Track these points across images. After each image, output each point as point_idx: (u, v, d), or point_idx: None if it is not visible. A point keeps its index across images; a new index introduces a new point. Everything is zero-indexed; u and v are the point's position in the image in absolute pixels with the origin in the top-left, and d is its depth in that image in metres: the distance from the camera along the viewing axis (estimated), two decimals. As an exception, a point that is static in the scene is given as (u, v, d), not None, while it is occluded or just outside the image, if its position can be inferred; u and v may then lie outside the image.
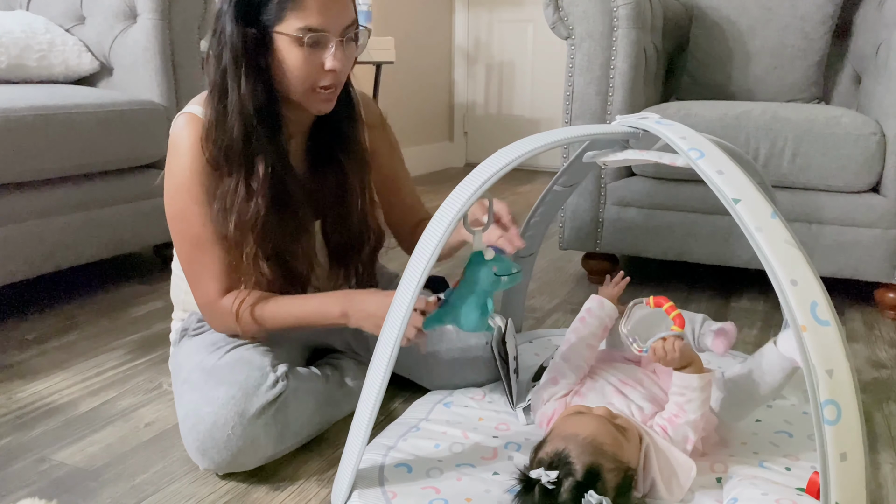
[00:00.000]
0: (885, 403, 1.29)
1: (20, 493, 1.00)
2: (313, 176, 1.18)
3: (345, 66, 1.06)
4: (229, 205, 1.06)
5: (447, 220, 0.87)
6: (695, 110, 1.77)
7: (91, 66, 1.96)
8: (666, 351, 0.93)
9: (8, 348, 1.50)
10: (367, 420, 0.91)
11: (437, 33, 4.05)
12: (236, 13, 1.02)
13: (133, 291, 1.85)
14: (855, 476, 0.70)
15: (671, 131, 0.87)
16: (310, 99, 1.08)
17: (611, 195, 1.88)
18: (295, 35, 1.01)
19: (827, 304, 0.72)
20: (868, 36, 1.96)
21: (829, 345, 0.71)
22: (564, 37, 1.86)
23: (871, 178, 1.65)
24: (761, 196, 0.77)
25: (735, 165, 0.81)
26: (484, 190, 0.87)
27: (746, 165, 1.10)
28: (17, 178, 1.57)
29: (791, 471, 1.00)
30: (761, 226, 0.75)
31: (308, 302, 1.11)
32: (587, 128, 0.95)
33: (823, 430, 0.70)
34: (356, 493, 0.94)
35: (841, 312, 1.77)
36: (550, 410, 1.07)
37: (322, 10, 1.01)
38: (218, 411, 1.01)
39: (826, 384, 0.70)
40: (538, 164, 3.97)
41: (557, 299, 1.87)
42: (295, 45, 1.02)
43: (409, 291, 0.87)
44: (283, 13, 1.01)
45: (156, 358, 1.45)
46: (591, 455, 0.85)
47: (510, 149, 0.90)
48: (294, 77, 1.05)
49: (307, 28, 1.01)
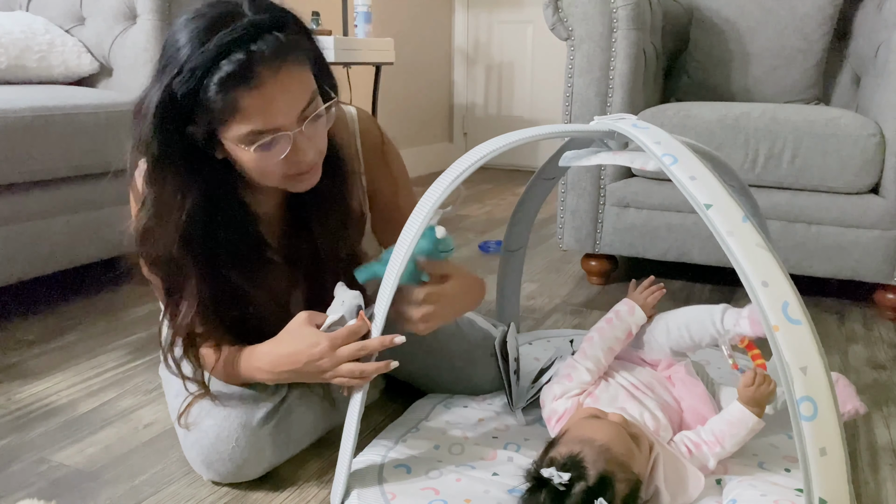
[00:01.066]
0: (885, 405, 1.29)
1: (19, 494, 1.00)
2: (288, 244, 1.06)
3: (317, 147, 0.93)
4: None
5: (422, 214, 0.90)
6: (694, 111, 1.77)
7: (91, 67, 1.96)
8: (762, 385, 0.94)
9: (7, 349, 1.50)
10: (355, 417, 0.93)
11: (436, 34, 4.05)
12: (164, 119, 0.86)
13: (132, 292, 1.84)
14: (836, 470, 0.71)
15: (646, 135, 0.88)
16: (286, 185, 0.95)
17: (610, 196, 1.88)
18: (244, 143, 0.87)
19: (798, 304, 0.73)
20: (867, 37, 1.96)
21: (801, 343, 0.72)
22: (564, 38, 1.86)
23: (871, 179, 1.65)
24: (733, 201, 0.78)
25: (708, 171, 0.81)
26: (459, 182, 0.90)
27: (723, 169, 1.11)
28: (17, 179, 1.57)
29: (790, 472, 1.00)
30: (732, 230, 0.76)
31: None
32: (563, 126, 0.97)
33: (801, 427, 0.70)
34: (355, 494, 0.94)
35: (840, 313, 1.77)
36: (561, 409, 1.05)
37: (267, 108, 0.85)
38: (221, 423, 1.00)
39: (801, 381, 0.71)
40: (536, 165, 3.97)
41: (557, 300, 1.87)
42: (244, 151, 0.88)
43: (389, 286, 0.90)
44: (222, 119, 0.86)
45: (155, 359, 1.45)
46: (606, 462, 0.85)
47: (486, 144, 0.93)
48: (253, 174, 0.92)
49: (254, 132, 0.86)
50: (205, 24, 0.84)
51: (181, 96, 0.84)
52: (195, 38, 0.83)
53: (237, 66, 0.82)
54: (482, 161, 0.91)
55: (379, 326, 0.93)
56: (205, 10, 0.86)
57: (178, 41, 0.85)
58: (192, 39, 0.83)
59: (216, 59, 0.82)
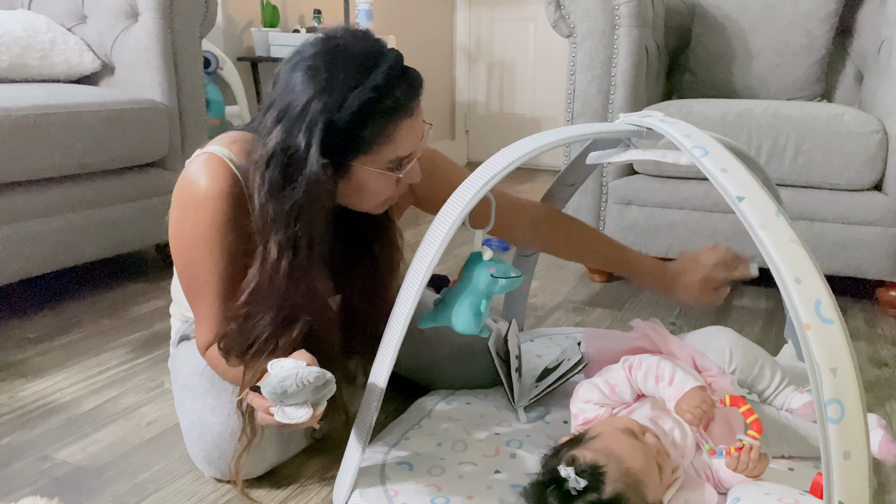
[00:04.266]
0: (888, 402, 1.29)
1: (22, 492, 1.00)
2: (343, 257, 1.06)
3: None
4: (251, 276, 0.93)
5: (450, 220, 0.87)
6: (696, 108, 1.77)
7: (92, 66, 1.96)
8: (747, 463, 0.88)
9: (10, 347, 1.50)
10: (369, 419, 0.92)
11: (438, 32, 4.05)
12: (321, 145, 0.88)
13: (135, 290, 1.85)
14: (858, 475, 0.70)
15: (675, 129, 0.87)
16: (377, 208, 1.01)
17: (612, 193, 1.87)
18: (385, 168, 0.94)
19: (831, 303, 0.71)
20: (870, 34, 1.96)
21: (833, 343, 0.70)
22: (566, 35, 1.85)
23: (874, 175, 1.64)
24: (765, 194, 0.77)
25: (739, 163, 0.80)
26: (487, 189, 0.87)
27: (750, 163, 1.09)
28: (19, 177, 1.57)
29: (794, 471, 0.99)
30: (765, 223, 0.75)
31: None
32: (591, 126, 0.95)
33: (827, 429, 0.69)
34: (357, 492, 0.94)
35: (843, 310, 1.75)
36: (592, 415, 1.01)
37: (411, 137, 0.94)
38: (224, 421, 1.00)
39: (830, 382, 0.69)
40: (540, 162, 3.97)
41: (559, 298, 1.87)
42: (381, 175, 0.95)
43: (412, 291, 0.88)
44: (371, 147, 0.92)
45: (157, 357, 1.45)
46: (625, 485, 0.84)
47: (513, 148, 0.90)
48: (371, 198, 0.98)
49: (399, 159, 0.94)
50: (356, 59, 0.89)
51: (344, 124, 0.89)
52: (353, 72, 0.89)
53: (402, 98, 0.91)
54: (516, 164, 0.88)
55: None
56: (345, 41, 0.91)
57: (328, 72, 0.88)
58: (350, 73, 0.89)
59: (385, 91, 0.89)
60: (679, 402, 0.93)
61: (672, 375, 0.95)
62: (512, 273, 0.94)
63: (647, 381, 0.98)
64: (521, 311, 1.47)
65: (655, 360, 0.98)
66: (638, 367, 0.99)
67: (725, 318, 1.70)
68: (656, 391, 0.97)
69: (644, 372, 0.98)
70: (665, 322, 1.68)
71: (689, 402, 0.92)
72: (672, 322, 1.69)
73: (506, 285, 0.94)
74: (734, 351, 1.07)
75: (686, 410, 0.91)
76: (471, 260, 0.96)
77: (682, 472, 0.93)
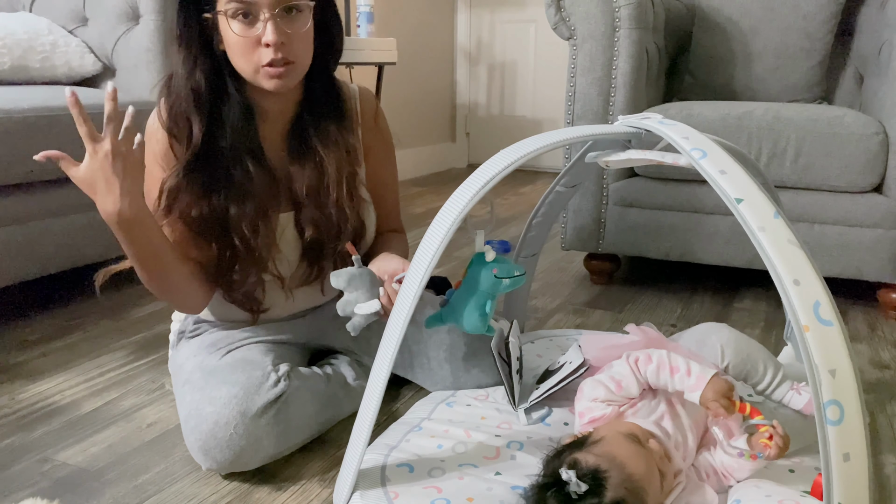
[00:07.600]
0: (889, 404, 1.29)
1: (23, 494, 1.00)
2: (290, 164, 1.15)
3: (287, 41, 1.03)
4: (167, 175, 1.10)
5: (449, 221, 0.87)
6: (697, 110, 1.77)
7: (94, 68, 1.96)
8: (780, 446, 0.89)
9: (10, 349, 1.50)
10: (369, 420, 0.91)
11: (439, 34, 4.06)
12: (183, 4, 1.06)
13: (135, 292, 1.85)
14: (858, 477, 0.70)
15: (674, 131, 0.87)
16: (258, 78, 1.06)
17: (613, 195, 1.87)
18: (224, 10, 1.02)
19: (830, 304, 0.71)
20: (871, 36, 1.96)
21: (831, 345, 0.70)
22: (566, 37, 1.86)
23: (874, 178, 1.64)
24: (764, 196, 0.77)
25: (738, 165, 0.80)
26: (486, 190, 0.87)
27: (749, 165, 1.09)
28: (21, 179, 1.57)
29: (794, 472, 0.99)
30: (764, 225, 0.75)
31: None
32: (590, 128, 0.95)
33: (826, 431, 0.69)
34: (358, 494, 0.94)
35: (844, 313, 1.76)
36: (599, 413, 1.00)
37: None
38: (220, 410, 1.01)
39: (829, 384, 0.69)
40: (540, 164, 3.97)
41: (560, 300, 1.87)
42: (228, 22, 1.02)
43: (411, 292, 0.88)
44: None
45: (158, 358, 1.45)
46: (626, 491, 0.84)
47: (512, 149, 0.90)
48: (234, 55, 1.05)
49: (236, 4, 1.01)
50: None
51: None
52: None
53: None
54: (515, 165, 0.88)
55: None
56: None
57: None
58: None
59: None
60: (705, 391, 0.92)
61: (688, 366, 0.95)
62: (515, 272, 0.95)
63: (660, 374, 0.97)
64: (522, 313, 1.47)
65: (665, 352, 0.98)
66: (647, 361, 0.98)
67: (726, 320, 1.70)
68: (672, 383, 0.96)
69: (656, 365, 0.97)
70: (665, 324, 1.68)
71: (715, 392, 0.92)
72: (672, 324, 1.69)
73: (509, 284, 0.95)
74: (726, 347, 1.08)
75: (713, 400, 0.91)
76: (474, 261, 0.97)
77: (685, 477, 0.93)
